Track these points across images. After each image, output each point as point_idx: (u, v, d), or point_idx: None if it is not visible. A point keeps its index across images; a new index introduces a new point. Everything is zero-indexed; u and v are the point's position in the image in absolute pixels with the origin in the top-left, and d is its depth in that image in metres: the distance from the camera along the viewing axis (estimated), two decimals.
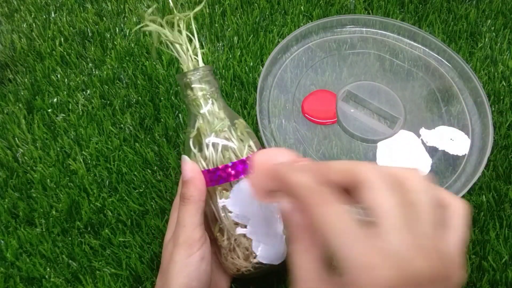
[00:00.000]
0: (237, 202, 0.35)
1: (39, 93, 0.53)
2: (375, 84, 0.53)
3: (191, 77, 0.37)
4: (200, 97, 0.37)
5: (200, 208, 0.35)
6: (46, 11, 0.61)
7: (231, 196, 0.35)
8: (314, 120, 0.50)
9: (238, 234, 0.35)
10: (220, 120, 0.37)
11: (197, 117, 0.37)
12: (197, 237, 0.34)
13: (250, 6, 0.60)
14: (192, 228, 0.34)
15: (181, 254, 0.33)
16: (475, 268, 0.42)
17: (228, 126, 0.37)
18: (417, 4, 0.60)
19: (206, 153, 0.36)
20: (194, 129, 0.37)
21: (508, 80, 0.53)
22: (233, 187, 0.36)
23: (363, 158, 0.48)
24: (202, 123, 0.37)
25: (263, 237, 0.35)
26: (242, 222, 0.35)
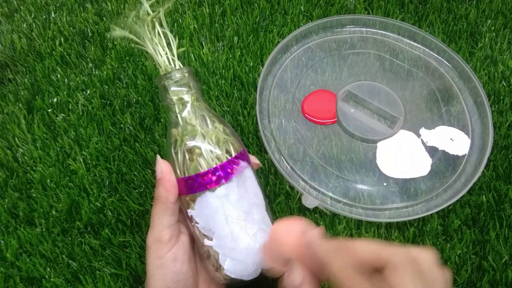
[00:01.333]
0: (201, 214, 0.34)
1: (39, 93, 0.53)
2: (375, 84, 0.53)
3: (172, 79, 0.35)
4: (176, 101, 0.35)
5: (168, 209, 0.34)
6: (46, 11, 0.61)
7: (195, 207, 0.34)
8: (314, 120, 0.50)
9: (207, 246, 0.34)
10: (191, 126, 0.35)
11: (175, 123, 0.36)
12: (165, 238, 0.33)
13: (250, 6, 0.60)
14: (159, 229, 0.33)
15: (152, 257, 0.33)
16: (475, 268, 0.42)
17: (200, 132, 0.35)
18: (417, 4, 0.60)
19: (180, 159, 0.35)
20: (176, 131, 0.35)
21: (508, 80, 0.53)
22: (197, 199, 0.34)
23: (363, 158, 0.48)
24: (177, 129, 0.35)
25: (229, 251, 0.34)
26: (208, 234, 0.34)
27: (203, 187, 0.34)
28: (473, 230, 0.44)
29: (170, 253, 0.33)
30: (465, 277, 0.41)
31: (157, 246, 0.33)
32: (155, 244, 0.33)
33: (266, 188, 0.46)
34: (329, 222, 0.44)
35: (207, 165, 0.34)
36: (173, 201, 0.34)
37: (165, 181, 0.34)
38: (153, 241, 0.33)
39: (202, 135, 0.35)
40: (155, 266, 0.33)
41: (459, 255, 0.42)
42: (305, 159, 0.48)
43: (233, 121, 0.50)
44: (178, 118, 0.35)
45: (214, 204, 0.34)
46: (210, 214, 0.34)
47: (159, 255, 0.33)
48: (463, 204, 0.45)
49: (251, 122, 0.50)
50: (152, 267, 0.33)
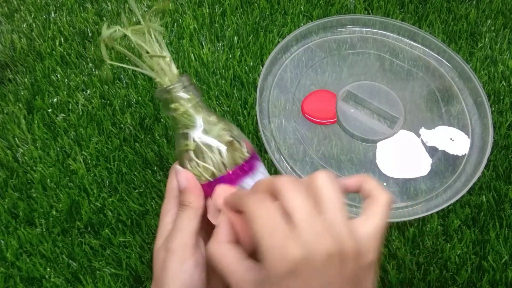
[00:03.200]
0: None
1: (39, 93, 0.53)
2: (375, 84, 0.53)
3: (177, 89, 0.35)
4: (190, 108, 0.36)
5: (198, 215, 0.34)
6: (46, 11, 0.61)
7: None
8: (314, 120, 0.50)
9: None
10: (215, 125, 0.36)
11: (191, 128, 0.36)
12: (191, 243, 0.33)
13: (250, 6, 0.60)
14: (188, 233, 0.34)
15: (175, 261, 0.33)
16: (475, 268, 0.42)
17: (224, 128, 0.36)
18: (417, 4, 0.60)
19: (213, 161, 0.35)
20: (190, 141, 0.36)
21: (508, 80, 0.53)
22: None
23: (363, 158, 0.48)
24: (200, 133, 0.36)
25: None
26: None
27: (254, 169, 0.36)
28: (473, 230, 0.44)
29: (193, 258, 0.33)
30: (465, 277, 0.41)
31: (183, 250, 0.33)
32: (181, 247, 0.33)
33: None
34: None
35: (246, 152, 0.36)
36: (203, 206, 0.35)
37: (193, 189, 0.35)
38: (179, 244, 0.33)
39: (219, 137, 0.36)
40: (177, 270, 0.33)
41: (459, 255, 0.42)
42: (305, 159, 0.48)
43: (233, 121, 0.50)
44: (200, 121, 0.36)
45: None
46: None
47: (183, 259, 0.33)
48: (463, 204, 0.45)
49: (251, 122, 0.50)
50: (173, 271, 0.33)
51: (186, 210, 0.35)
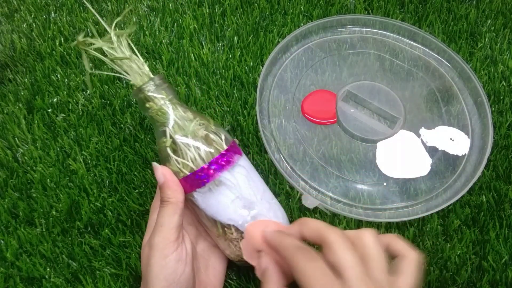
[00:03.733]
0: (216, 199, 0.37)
1: (39, 93, 0.53)
2: (375, 84, 0.53)
3: (149, 89, 0.37)
4: (163, 105, 0.37)
5: (178, 209, 0.35)
6: (46, 11, 0.61)
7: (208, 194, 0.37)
8: (314, 120, 0.50)
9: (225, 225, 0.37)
10: (190, 121, 0.37)
11: (166, 125, 0.37)
12: (172, 238, 0.34)
13: (250, 6, 0.60)
14: (169, 228, 0.34)
15: (156, 256, 0.33)
16: (475, 268, 0.42)
17: (201, 123, 0.38)
18: (417, 4, 0.60)
19: (190, 156, 0.36)
20: (167, 138, 0.37)
21: (508, 80, 0.53)
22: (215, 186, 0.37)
23: (363, 158, 0.48)
24: (175, 129, 0.37)
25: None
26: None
27: (231, 163, 0.37)
28: (473, 230, 0.44)
29: (175, 253, 0.34)
30: (465, 277, 0.41)
31: (164, 245, 0.34)
32: (163, 242, 0.34)
33: None
34: (329, 222, 0.44)
35: (223, 146, 0.37)
36: (183, 201, 0.35)
37: (170, 183, 0.35)
38: (160, 240, 0.34)
39: (194, 132, 0.37)
40: (160, 265, 0.33)
41: (459, 255, 0.42)
42: (305, 159, 0.48)
43: (233, 121, 0.50)
44: (175, 119, 0.37)
45: (244, 172, 0.38)
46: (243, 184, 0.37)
47: (165, 254, 0.33)
48: (463, 204, 0.45)
49: (251, 122, 0.50)
50: (156, 267, 0.33)
51: (166, 206, 0.35)
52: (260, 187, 0.39)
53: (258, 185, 0.39)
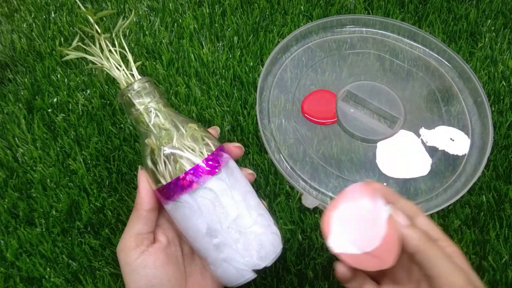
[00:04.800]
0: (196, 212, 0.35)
1: (39, 93, 0.53)
2: (375, 84, 0.53)
3: (129, 93, 0.36)
4: (142, 112, 0.36)
5: (141, 216, 0.35)
6: (46, 11, 0.61)
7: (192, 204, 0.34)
8: (314, 120, 0.50)
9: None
10: (166, 131, 0.35)
11: (146, 133, 0.36)
12: (131, 246, 0.34)
13: (250, 6, 0.60)
14: (127, 236, 0.34)
15: (121, 263, 0.34)
16: (475, 268, 0.42)
17: (176, 134, 0.35)
18: (417, 4, 0.60)
19: (161, 168, 0.35)
20: (146, 146, 0.35)
21: (508, 80, 0.53)
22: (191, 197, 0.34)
23: (363, 158, 0.48)
24: (150, 139, 0.35)
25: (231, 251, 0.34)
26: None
27: (194, 185, 0.33)
28: (473, 230, 0.44)
29: (139, 260, 0.34)
30: None
31: (124, 253, 0.34)
32: (122, 251, 0.34)
33: (266, 188, 0.46)
34: None
35: (191, 163, 0.34)
36: (147, 209, 0.35)
37: (140, 189, 0.35)
38: (120, 249, 0.34)
39: (179, 137, 0.35)
40: (125, 272, 0.34)
41: None
42: (305, 159, 0.48)
43: (233, 121, 0.50)
44: (150, 127, 0.36)
45: (210, 196, 0.34)
46: (206, 210, 0.34)
47: (127, 262, 0.34)
48: (463, 204, 0.45)
49: (251, 122, 0.50)
50: (123, 273, 0.34)
51: (133, 212, 0.35)
52: (232, 213, 0.34)
53: (228, 210, 0.34)
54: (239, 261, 0.34)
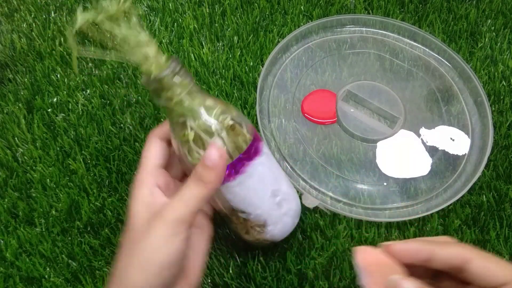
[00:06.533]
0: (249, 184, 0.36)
1: (39, 93, 0.53)
2: (375, 84, 0.53)
3: (168, 77, 0.31)
4: (184, 96, 0.32)
5: (209, 195, 0.32)
6: (46, 11, 0.61)
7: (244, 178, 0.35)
8: (314, 120, 0.50)
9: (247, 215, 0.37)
10: (212, 109, 0.33)
11: (188, 117, 0.32)
12: (189, 220, 0.31)
13: (250, 6, 0.60)
14: (190, 209, 0.31)
15: (164, 232, 0.30)
16: None
17: (223, 111, 0.34)
18: (417, 4, 0.60)
19: (228, 144, 0.33)
20: (189, 131, 0.33)
21: (508, 80, 0.53)
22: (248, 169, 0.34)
23: (363, 158, 0.48)
24: (199, 120, 0.32)
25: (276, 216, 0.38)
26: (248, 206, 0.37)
27: (259, 151, 0.35)
28: (473, 230, 0.44)
29: (183, 236, 0.31)
30: None
31: (177, 225, 0.31)
32: (176, 223, 0.31)
33: None
34: (329, 222, 0.44)
35: (248, 132, 0.35)
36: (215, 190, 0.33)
37: (222, 169, 0.32)
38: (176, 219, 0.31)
39: (217, 124, 0.33)
40: (161, 244, 0.30)
41: None
42: (305, 159, 0.48)
43: None
44: (191, 111, 0.32)
45: (266, 160, 0.36)
46: (268, 173, 0.36)
47: (175, 232, 0.31)
48: (463, 204, 0.45)
49: (251, 122, 0.50)
50: (157, 242, 0.30)
51: (200, 186, 0.32)
52: (280, 170, 0.39)
53: (276, 169, 0.38)
54: (294, 209, 0.39)
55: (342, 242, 0.43)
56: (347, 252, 0.42)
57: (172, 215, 0.31)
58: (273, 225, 0.37)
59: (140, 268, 0.30)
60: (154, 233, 0.30)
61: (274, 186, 0.37)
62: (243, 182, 0.35)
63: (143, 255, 0.30)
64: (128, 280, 0.30)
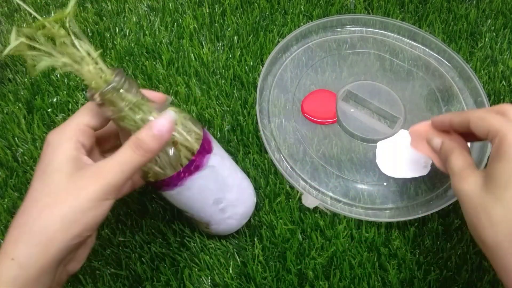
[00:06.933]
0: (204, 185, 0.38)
1: (38, 93, 0.53)
2: (375, 84, 0.53)
3: (111, 91, 0.30)
4: (128, 109, 0.31)
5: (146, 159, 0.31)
6: (46, 11, 0.61)
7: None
8: (314, 120, 0.50)
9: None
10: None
11: (134, 129, 0.31)
12: (121, 188, 0.31)
13: (250, 6, 0.60)
14: (127, 176, 0.30)
15: (94, 194, 0.29)
16: (475, 268, 0.42)
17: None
18: (417, 4, 0.60)
19: (164, 159, 0.33)
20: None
21: (508, 80, 0.53)
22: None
23: (363, 158, 0.48)
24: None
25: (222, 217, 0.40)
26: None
27: (200, 167, 0.36)
28: None
29: (110, 202, 0.31)
30: (466, 277, 0.41)
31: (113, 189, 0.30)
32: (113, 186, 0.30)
33: (266, 188, 0.46)
34: (329, 222, 0.44)
35: (192, 148, 0.35)
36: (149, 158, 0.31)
37: (164, 141, 0.31)
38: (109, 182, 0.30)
39: (177, 123, 0.34)
40: (88, 206, 0.29)
41: (459, 255, 0.42)
42: (305, 159, 0.48)
43: (233, 121, 0.50)
44: (138, 122, 0.31)
45: (212, 172, 0.37)
46: (211, 184, 0.37)
47: (105, 197, 0.30)
48: None
49: (251, 122, 0.50)
50: (81, 203, 0.29)
51: (138, 154, 0.30)
52: (229, 179, 0.39)
53: (226, 178, 0.38)
54: (241, 213, 0.41)
55: (342, 242, 0.43)
56: (347, 252, 0.43)
57: (105, 179, 0.29)
58: (216, 225, 0.40)
59: (61, 225, 0.28)
60: (83, 194, 0.29)
61: (217, 195, 0.38)
62: (182, 193, 0.36)
63: (66, 215, 0.28)
64: (42, 232, 0.28)
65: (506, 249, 0.29)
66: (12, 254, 0.28)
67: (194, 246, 0.43)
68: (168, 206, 0.45)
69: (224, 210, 0.39)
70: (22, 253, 0.28)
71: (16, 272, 0.27)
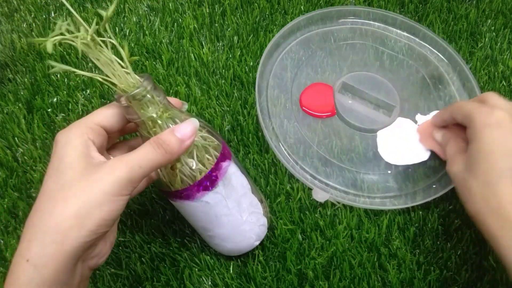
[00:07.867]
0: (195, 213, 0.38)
1: (38, 93, 0.53)
2: (370, 75, 0.53)
3: (140, 94, 0.31)
4: (154, 114, 0.31)
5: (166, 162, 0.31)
6: (46, 11, 0.61)
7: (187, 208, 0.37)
8: (313, 114, 0.50)
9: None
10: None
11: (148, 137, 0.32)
12: (139, 183, 0.30)
13: (250, 6, 0.60)
14: (145, 174, 0.30)
15: (111, 189, 0.28)
16: (475, 268, 0.42)
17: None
18: (417, 4, 0.60)
19: (190, 165, 0.34)
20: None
21: (508, 80, 0.53)
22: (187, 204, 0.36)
23: (365, 148, 0.48)
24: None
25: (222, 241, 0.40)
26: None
27: (191, 198, 0.35)
28: (473, 229, 0.44)
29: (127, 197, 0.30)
30: (465, 277, 0.41)
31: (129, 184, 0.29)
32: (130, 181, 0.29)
33: (266, 188, 0.46)
34: (329, 222, 0.44)
35: (191, 179, 0.34)
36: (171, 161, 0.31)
37: (186, 144, 0.31)
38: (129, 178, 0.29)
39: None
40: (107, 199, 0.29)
41: (459, 254, 0.42)
42: (308, 154, 0.48)
43: (233, 120, 0.50)
44: (151, 134, 0.32)
45: (205, 207, 0.36)
46: (201, 215, 0.37)
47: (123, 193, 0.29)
48: None
49: (251, 121, 0.50)
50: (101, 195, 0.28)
51: (159, 153, 0.30)
52: (223, 220, 0.37)
53: (220, 218, 0.37)
54: (228, 248, 0.40)
55: (342, 242, 0.43)
56: (347, 252, 0.43)
57: (122, 172, 0.29)
58: (207, 242, 0.42)
59: (75, 221, 0.28)
60: (98, 187, 0.28)
61: (206, 225, 0.38)
62: (177, 205, 0.37)
63: (80, 210, 0.28)
64: (56, 229, 0.27)
65: (483, 214, 0.34)
66: (26, 255, 0.27)
67: (194, 246, 0.43)
68: (168, 206, 0.45)
69: (212, 237, 0.39)
70: (36, 253, 0.27)
71: (32, 274, 0.27)
